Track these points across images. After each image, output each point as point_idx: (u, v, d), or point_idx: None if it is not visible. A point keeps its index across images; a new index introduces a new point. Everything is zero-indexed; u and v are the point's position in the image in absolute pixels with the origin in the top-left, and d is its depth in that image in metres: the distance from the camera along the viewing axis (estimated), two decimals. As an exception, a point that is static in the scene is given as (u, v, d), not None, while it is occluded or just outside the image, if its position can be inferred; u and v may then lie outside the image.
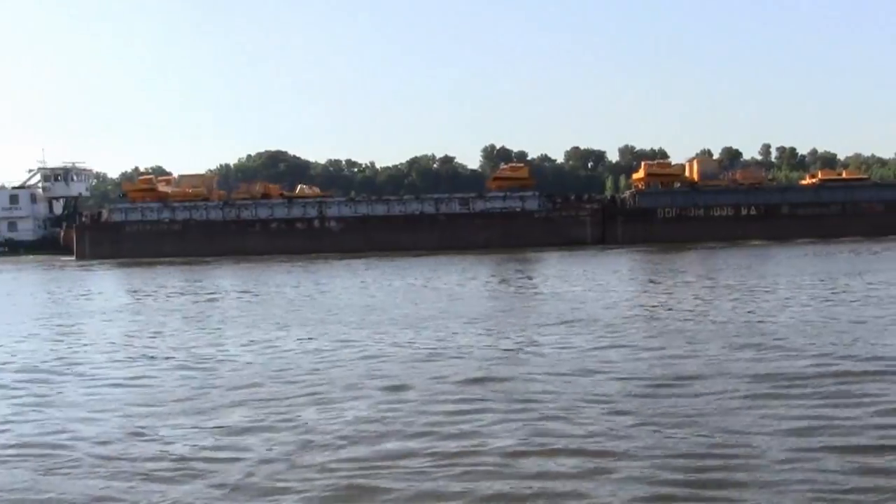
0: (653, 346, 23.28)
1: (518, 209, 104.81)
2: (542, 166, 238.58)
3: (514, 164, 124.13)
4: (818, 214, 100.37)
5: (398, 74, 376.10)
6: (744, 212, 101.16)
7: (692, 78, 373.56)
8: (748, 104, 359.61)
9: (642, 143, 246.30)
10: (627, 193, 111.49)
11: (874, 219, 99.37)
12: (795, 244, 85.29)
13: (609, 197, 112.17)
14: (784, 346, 22.49)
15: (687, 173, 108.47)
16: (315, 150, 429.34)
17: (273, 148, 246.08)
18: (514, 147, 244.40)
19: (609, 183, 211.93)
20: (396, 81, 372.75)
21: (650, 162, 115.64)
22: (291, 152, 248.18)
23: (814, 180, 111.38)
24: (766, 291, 38.38)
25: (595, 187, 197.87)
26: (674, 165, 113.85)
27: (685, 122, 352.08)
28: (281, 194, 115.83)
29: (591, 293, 40.20)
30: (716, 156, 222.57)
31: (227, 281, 59.88)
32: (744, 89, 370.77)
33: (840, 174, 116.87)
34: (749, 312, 30.36)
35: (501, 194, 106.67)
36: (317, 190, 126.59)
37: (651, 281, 48.25)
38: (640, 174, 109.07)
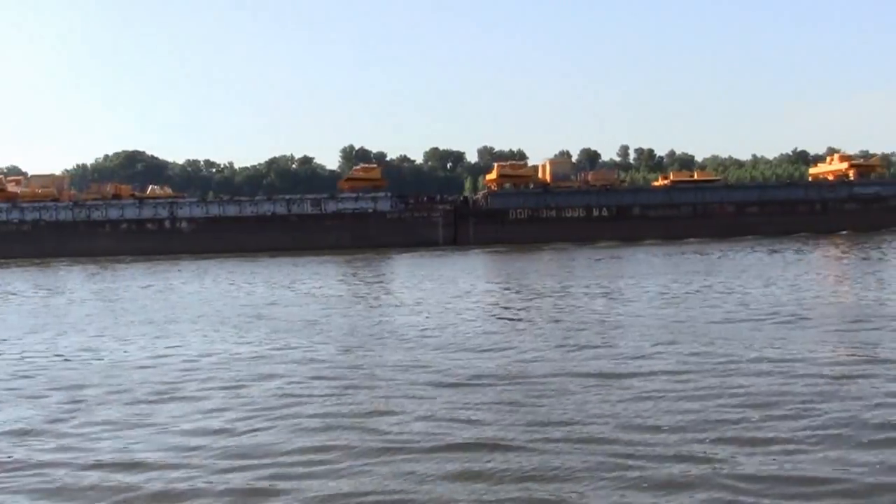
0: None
1: (370, 210, 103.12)
2: (402, 167, 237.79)
3: (366, 166, 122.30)
4: (669, 216, 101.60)
5: (258, 73, 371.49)
6: (595, 213, 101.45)
7: (551, 80, 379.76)
8: (607, 106, 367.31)
9: (501, 145, 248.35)
10: (480, 194, 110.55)
11: (725, 220, 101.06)
12: (643, 245, 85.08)
13: (461, 198, 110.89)
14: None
15: (540, 175, 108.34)
16: (174, 151, 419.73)
17: (131, 148, 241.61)
18: (374, 148, 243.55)
19: (468, 183, 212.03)
20: (256, 81, 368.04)
21: (503, 163, 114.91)
22: (150, 153, 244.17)
23: (666, 182, 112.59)
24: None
25: (454, 188, 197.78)
26: (526, 167, 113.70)
27: (544, 123, 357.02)
28: (132, 195, 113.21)
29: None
30: (575, 157, 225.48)
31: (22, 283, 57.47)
32: (603, 91, 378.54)
33: (692, 176, 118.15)
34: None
35: (353, 195, 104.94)
36: (169, 190, 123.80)
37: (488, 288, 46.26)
38: (493, 175, 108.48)
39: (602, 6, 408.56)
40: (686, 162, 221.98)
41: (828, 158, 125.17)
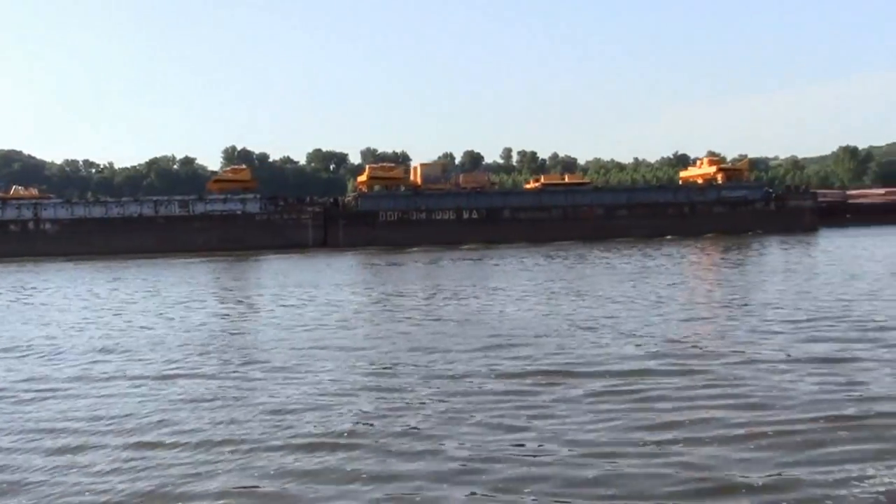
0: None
1: (238, 212, 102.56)
2: (285, 168, 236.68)
3: (235, 167, 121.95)
4: (539, 218, 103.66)
5: (140, 71, 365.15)
6: (465, 215, 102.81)
7: (434, 81, 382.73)
8: (491, 109, 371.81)
9: (385, 146, 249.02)
10: (350, 196, 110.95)
11: (594, 223, 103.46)
12: (511, 247, 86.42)
13: (332, 199, 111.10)
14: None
15: (412, 177, 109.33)
16: (52, 150, 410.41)
17: (7, 147, 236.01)
18: (257, 149, 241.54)
19: (351, 185, 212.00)
20: (137, 79, 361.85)
21: (374, 165, 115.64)
22: (27, 152, 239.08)
23: (536, 185, 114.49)
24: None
25: (337, 189, 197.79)
26: (397, 169, 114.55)
27: (428, 125, 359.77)
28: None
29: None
30: (458, 159, 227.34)
31: None
32: (486, 93, 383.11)
33: (563, 179, 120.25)
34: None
35: (222, 197, 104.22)
36: (34, 191, 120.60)
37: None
38: (364, 177, 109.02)
39: (486, 7, 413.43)
40: (569, 165, 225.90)
41: (697, 162, 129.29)
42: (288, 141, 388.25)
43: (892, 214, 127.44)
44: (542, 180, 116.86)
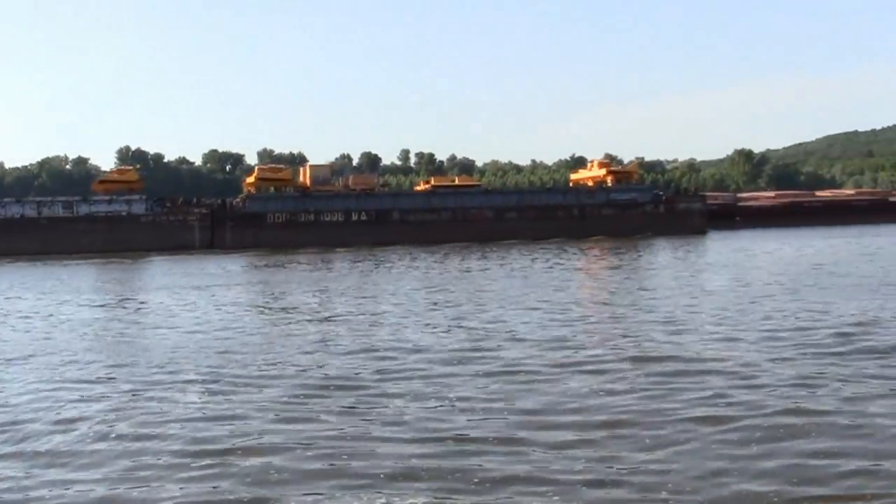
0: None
1: (124, 213, 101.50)
2: (181, 169, 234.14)
3: (121, 168, 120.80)
4: (428, 220, 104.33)
5: (28, 67, 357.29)
6: (354, 217, 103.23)
7: (332, 81, 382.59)
8: (389, 110, 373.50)
9: (282, 147, 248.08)
10: (239, 198, 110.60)
11: (483, 225, 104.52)
12: (397, 250, 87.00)
13: (219, 201, 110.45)
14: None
15: (301, 178, 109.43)
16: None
17: None
18: (152, 149, 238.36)
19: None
20: (27, 76, 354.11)
21: (263, 166, 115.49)
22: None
23: (426, 187, 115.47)
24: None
25: (232, 190, 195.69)
26: (286, 170, 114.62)
27: (328, 125, 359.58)
28: None
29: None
30: (356, 160, 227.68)
31: None
32: (384, 94, 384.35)
33: (452, 181, 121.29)
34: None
35: (108, 198, 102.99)
36: None
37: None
38: (252, 178, 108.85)
39: (385, 7, 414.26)
40: (466, 167, 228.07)
41: (588, 165, 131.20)
42: (184, 141, 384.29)
43: (780, 217, 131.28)
44: (433, 182, 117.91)
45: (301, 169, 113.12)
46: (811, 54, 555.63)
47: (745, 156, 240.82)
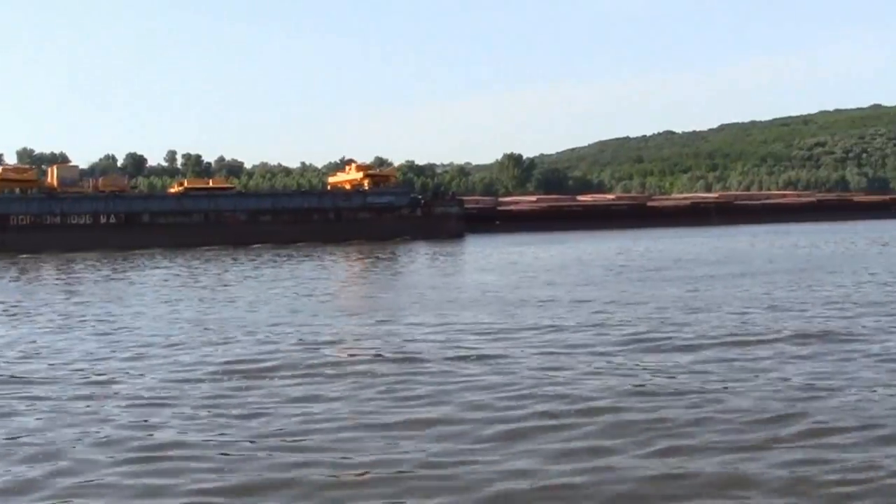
0: None
1: None
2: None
3: None
4: (180, 223, 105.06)
5: None
6: (103, 220, 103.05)
7: (86, 78, 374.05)
8: (155, 108, 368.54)
9: (43, 146, 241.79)
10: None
11: (237, 228, 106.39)
12: (147, 253, 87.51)
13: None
14: None
15: (49, 179, 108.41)
16: None
17: None
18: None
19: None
20: None
21: (7, 166, 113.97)
22: None
23: (179, 189, 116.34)
24: None
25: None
26: (31, 171, 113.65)
27: (88, 124, 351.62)
28: None
29: None
30: (121, 161, 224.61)
31: None
32: (150, 93, 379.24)
33: (207, 183, 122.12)
34: None
35: None
36: None
37: None
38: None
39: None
40: (235, 168, 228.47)
41: (346, 167, 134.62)
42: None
43: (540, 221, 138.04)
44: (186, 184, 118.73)
45: (49, 170, 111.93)
46: (585, 62, 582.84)
47: (513, 160, 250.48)
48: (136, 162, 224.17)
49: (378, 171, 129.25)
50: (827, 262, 49.72)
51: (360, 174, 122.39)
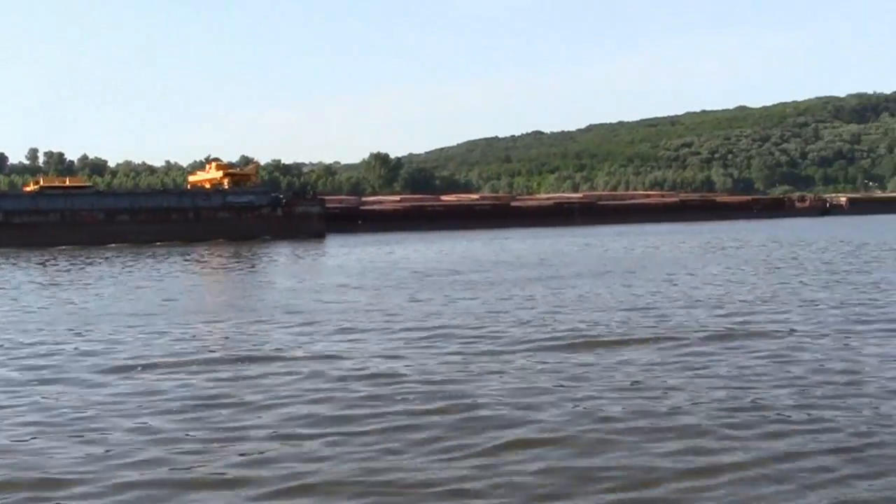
0: None
1: None
2: None
3: None
4: (36, 222, 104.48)
5: None
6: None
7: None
8: (13, 107, 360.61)
9: None
10: None
11: (94, 228, 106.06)
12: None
13: None
14: None
15: None
16: None
17: None
18: None
19: None
20: None
21: None
22: None
23: (35, 187, 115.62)
24: None
25: None
26: None
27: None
28: None
29: None
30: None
31: None
32: (9, 89, 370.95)
33: (64, 182, 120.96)
34: None
35: None
36: None
37: None
38: None
39: None
40: (99, 167, 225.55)
41: (206, 166, 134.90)
42: None
43: (403, 220, 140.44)
44: (42, 182, 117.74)
45: None
46: (453, 63, 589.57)
47: (380, 159, 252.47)
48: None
49: (238, 171, 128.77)
50: (635, 265, 50.26)
51: (220, 173, 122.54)
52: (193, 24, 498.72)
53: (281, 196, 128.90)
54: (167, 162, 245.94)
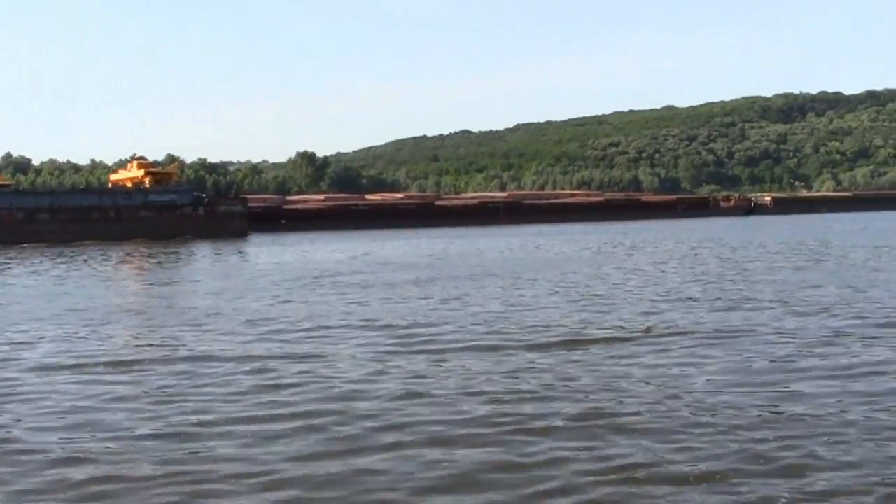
0: None
1: None
2: None
3: None
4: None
5: None
6: None
7: None
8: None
9: None
10: None
11: (12, 227, 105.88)
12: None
13: None
14: None
15: None
16: None
17: None
18: None
19: None
20: None
21: None
22: None
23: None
24: None
25: None
26: None
27: None
28: None
29: None
30: None
31: None
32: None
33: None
34: None
35: None
36: None
37: None
38: None
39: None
40: (22, 165, 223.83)
41: (128, 165, 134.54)
42: None
43: (327, 220, 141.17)
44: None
45: None
46: (381, 63, 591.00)
47: (307, 158, 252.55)
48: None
49: (160, 169, 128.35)
50: (514, 266, 49.86)
51: (142, 172, 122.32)
52: (94, 20, 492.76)
53: (203, 195, 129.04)
54: (92, 160, 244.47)
